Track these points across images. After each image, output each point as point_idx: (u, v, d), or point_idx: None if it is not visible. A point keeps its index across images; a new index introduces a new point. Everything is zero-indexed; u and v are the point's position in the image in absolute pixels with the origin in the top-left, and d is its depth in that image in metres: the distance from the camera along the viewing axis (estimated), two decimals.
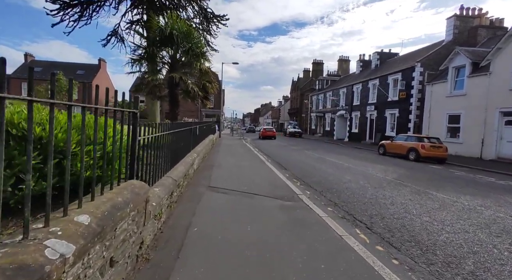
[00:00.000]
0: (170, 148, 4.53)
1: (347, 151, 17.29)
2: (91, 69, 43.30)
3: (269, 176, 7.54)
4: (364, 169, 9.79)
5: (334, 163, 10.98)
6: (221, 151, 13.48)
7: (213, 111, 42.27)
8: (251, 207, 4.54)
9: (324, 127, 38.87)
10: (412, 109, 20.27)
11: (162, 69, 8.82)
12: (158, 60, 8.23)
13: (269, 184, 6.54)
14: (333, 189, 6.44)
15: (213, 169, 8.09)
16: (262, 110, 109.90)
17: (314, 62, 55.65)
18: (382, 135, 23.76)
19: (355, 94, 29.57)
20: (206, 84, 9.21)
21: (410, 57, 23.81)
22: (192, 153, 7.07)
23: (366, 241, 3.51)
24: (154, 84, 8.66)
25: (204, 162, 9.37)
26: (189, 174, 5.93)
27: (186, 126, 6.28)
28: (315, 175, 8.19)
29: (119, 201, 2.00)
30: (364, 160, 12.73)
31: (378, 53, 30.02)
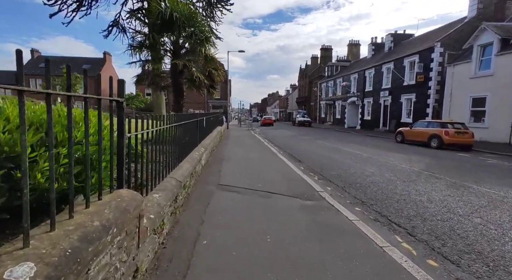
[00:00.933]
0: (174, 143, 3.94)
1: (361, 140, 16.43)
2: (96, 63, 43.05)
3: (283, 170, 6.92)
4: (386, 159, 9.03)
5: (351, 154, 10.24)
6: (230, 144, 12.90)
7: (220, 102, 41.63)
8: (267, 210, 3.94)
9: (334, 115, 37.73)
10: (431, 93, 19.05)
11: (165, 57, 8.16)
12: (160, 47, 7.55)
13: (284, 179, 5.92)
14: (357, 184, 5.77)
15: (223, 163, 7.52)
16: (269, 99, 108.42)
17: (323, 48, 53.73)
18: (397, 122, 22.66)
19: (368, 79, 28.24)
20: (212, 71, 8.48)
21: (428, 37, 22.28)
22: (199, 147, 6.48)
23: (412, 253, 2.87)
24: (156, 74, 8.00)
25: (212, 155, 8.81)
26: (196, 171, 5.36)
27: (192, 118, 5.67)
28: (333, 168, 7.51)
29: (94, 228, 1.41)
30: (383, 149, 11.91)
31: (391, 34, 28.40)
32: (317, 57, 58.27)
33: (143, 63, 7.84)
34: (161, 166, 3.25)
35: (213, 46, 8.78)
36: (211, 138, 8.90)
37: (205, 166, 7.05)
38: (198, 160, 5.38)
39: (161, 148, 3.24)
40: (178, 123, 4.22)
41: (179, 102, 8.31)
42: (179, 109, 8.30)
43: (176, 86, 8.13)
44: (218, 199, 4.34)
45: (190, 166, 4.48)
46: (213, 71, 8.55)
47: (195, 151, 5.77)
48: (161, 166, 3.25)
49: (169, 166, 3.68)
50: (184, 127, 4.77)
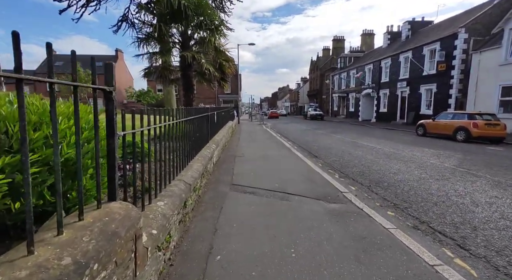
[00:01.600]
0: (183, 141, 3.51)
1: (380, 133, 15.61)
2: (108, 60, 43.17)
3: (300, 167, 6.41)
4: (411, 154, 8.34)
5: (372, 148, 9.58)
6: (242, 139, 12.46)
7: (230, 97, 41.26)
8: (289, 216, 3.46)
9: (347, 108, 36.57)
10: (454, 83, 17.86)
11: (173, 49, 7.71)
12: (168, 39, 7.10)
13: (303, 178, 5.42)
14: (384, 183, 5.20)
15: (235, 160, 7.08)
16: (279, 93, 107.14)
17: (335, 38, 52.03)
18: (416, 114, 21.54)
19: (383, 70, 26.98)
20: (222, 63, 7.97)
21: (450, 23, 20.85)
22: (210, 144, 6.06)
23: (472, 274, 2.33)
24: (164, 67, 7.57)
25: (224, 152, 8.39)
26: (208, 170, 4.94)
27: (201, 113, 5.23)
28: (354, 164, 6.93)
29: (60, 270, 0.97)
30: (405, 143, 11.15)
31: (409, 22, 26.89)
32: (328, 49, 56.60)
33: (151, 55, 7.43)
34: (167, 167, 2.82)
35: (223, 36, 8.27)
36: (222, 133, 8.48)
37: (217, 164, 6.64)
38: (209, 158, 4.95)
39: (168, 146, 2.80)
40: (187, 118, 3.78)
41: (189, 96, 7.88)
42: (188, 104, 7.88)
43: (185, 80, 7.69)
44: (232, 203, 3.90)
45: (201, 166, 4.06)
46: (224, 63, 8.04)
47: (205, 148, 5.35)
48: (167, 167, 2.82)
49: (178, 167, 3.25)
50: (194, 122, 4.34)
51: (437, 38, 19.24)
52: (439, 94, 19.22)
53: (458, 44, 17.38)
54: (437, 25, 24.06)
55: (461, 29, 17.08)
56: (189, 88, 7.80)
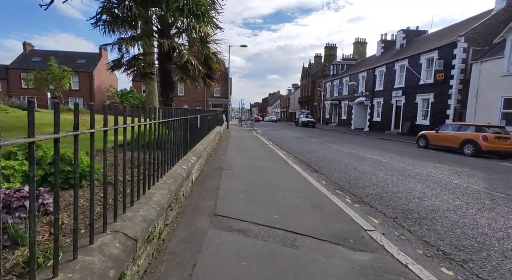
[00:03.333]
0: (145, 153, 2.18)
1: (378, 144, 14.66)
2: (92, 58, 41.23)
3: (301, 187, 5.15)
4: (425, 170, 7.27)
5: (378, 162, 8.48)
6: (231, 147, 11.12)
7: (220, 101, 39.95)
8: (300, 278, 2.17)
9: (339, 116, 35.96)
10: (453, 93, 17.28)
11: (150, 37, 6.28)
12: (141, 22, 5.76)
13: (307, 203, 4.16)
14: (413, 213, 4.01)
15: (222, 176, 5.74)
16: (270, 99, 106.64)
17: (327, 46, 52.02)
18: (412, 124, 20.92)
19: (378, 78, 26.47)
20: (209, 56, 6.61)
21: (448, 32, 20.50)
22: (189, 156, 4.71)
23: None
24: (135, 56, 6.19)
25: (209, 163, 7.04)
26: (180, 197, 3.58)
27: (178, 115, 3.89)
28: (365, 183, 5.75)
29: None
30: (410, 156, 10.14)
31: (403, 31, 26.64)
32: (320, 56, 56.53)
33: (120, 42, 5.97)
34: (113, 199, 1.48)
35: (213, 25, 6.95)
36: (207, 141, 7.13)
37: (198, 181, 5.27)
38: (184, 178, 3.60)
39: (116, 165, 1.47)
40: (153, 120, 2.45)
41: (167, 95, 6.50)
42: (167, 104, 6.51)
43: (163, 74, 6.31)
44: (212, 254, 2.56)
45: (167, 194, 2.70)
46: (211, 56, 6.69)
47: (182, 163, 4.00)
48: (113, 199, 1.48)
49: (125, 201, 1.91)
50: (169, 127, 3.02)
51: (435, 47, 18.75)
52: (437, 104, 18.63)
53: (457, 53, 16.87)
54: (434, 34, 23.79)
55: (461, 38, 16.59)
56: (168, 85, 6.41)
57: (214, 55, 6.91)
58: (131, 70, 6.55)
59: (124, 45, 5.73)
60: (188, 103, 38.07)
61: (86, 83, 40.36)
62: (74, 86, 39.82)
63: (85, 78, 40.28)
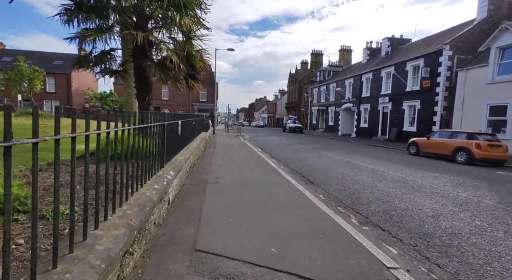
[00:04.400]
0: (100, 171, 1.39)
1: (368, 151, 14.31)
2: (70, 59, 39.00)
3: (299, 204, 4.44)
4: (426, 181, 6.78)
5: (373, 171, 7.95)
6: (217, 155, 10.29)
7: (206, 105, 38.96)
8: None
9: (326, 121, 35.94)
10: (439, 100, 17.39)
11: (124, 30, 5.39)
12: (111, 11, 4.91)
13: (309, 228, 3.44)
14: (434, 239, 3.40)
15: (206, 191, 4.92)
16: (257, 104, 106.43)
17: (313, 53, 52.56)
18: (399, 130, 20.95)
19: (364, 84, 26.59)
20: (192, 53, 5.79)
21: (433, 40, 20.85)
22: (166, 170, 3.88)
23: None
24: (104, 52, 5.29)
25: (192, 176, 6.19)
26: (147, 231, 2.74)
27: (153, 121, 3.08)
28: (368, 197, 5.13)
29: None
30: (404, 164, 9.74)
31: (389, 38, 27.04)
32: (307, 62, 57.00)
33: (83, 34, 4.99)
34: None
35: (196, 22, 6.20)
36: (190, 150, 6.29)
37: (177, 199, 4.43)
38: (155, 203, 2.78)
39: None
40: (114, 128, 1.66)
41: (143, 97, 5.62)
42: (143, 107, 5.64)
43: (138, 73, 5.45)
44: None
45: (124, 235, 1.89)
46: (194, 54, 5.86)
47: (154, 182, 3.17)
48: None
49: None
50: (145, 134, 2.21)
51: (421, 54, 18.93)
52: (423, 111, 18.72)
53: (442, 60, 17.04)
54: (419, 42, 24.20)
55: (446, 46, 16.79)
56: (144, 85, 5.54)
57: (198, 53, 6.10)
58: (100, 68, 5.58)
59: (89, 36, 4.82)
60: (173, 107, 36.75)
61: (63, 85, 38.07)
62: (50, 88, 37.51)
63: (62, 80, 38.01)
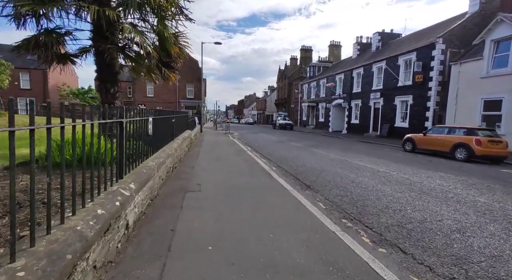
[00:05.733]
0: None
1: (362, 148, 13.72)
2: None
3: (298, 218, 3.64)
4: (434, 183, 6.13)
5: (374, 172, 7.26)
6: (203, 155, 9.37)
7: (194, 102, 37.63)
8: None
9: (317, 118, 35.45)
10: (432, 95, 17.03)
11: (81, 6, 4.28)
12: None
13: (314, 256, 2.64)
14: (472, 265, 2.67)
15: (184, 204, 4.04)
16: (246, 101, 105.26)
17: (302, 48, 51.88)
18: (391, 126, 20.59)
19: (355, 80, 26.14)
20: (164, 35, 4.74)
21: (424, 34, 20.49)
22: (123, 184, 2.97)
23: None
24: (49, 30, 4.21)
25: (168, 183, 5.27)
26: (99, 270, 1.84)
27: (106, 117, 2.18)
28: (377, 206, 4.39)
29: None
30: (404, 163, 9.15)
31: (379, 33, 26.65)
32: (296, 58, 56.34)
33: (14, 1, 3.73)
34: None
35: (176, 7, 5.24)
36: (168, 152, 5.36)
37: (145, 216, 3.52)
38: (91, 240, 1.88)
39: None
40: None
41: (107, 89, 4.59)
42: (108, 101, 4.63)
43: (98, 59, 4.46)
44: None
45: None
46: (168, 36, 4.81)
47: (98, 203, 2.26)
48: None
49: None
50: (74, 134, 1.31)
51: (413, 48, 18.52)
52: (416, 106, 18.36)
53: (435, 54, 16.65)
54: (410, 36, 23.86)
55: (439, 39, 16.39)
56: (106, 74, 4.54)
57: (174, 36, 5.12)
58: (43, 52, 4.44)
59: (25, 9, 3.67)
60: (159, 104, 35.27)
61: (39, 82, 35.79)
62: (24, 85, 35.25)
63: (37, 76, 35.70)
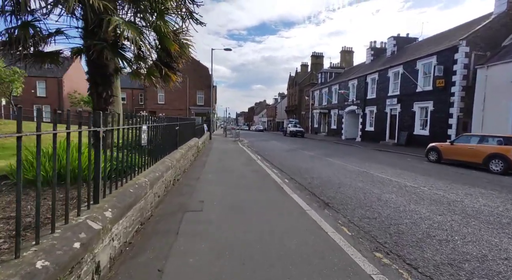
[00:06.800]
0: None
1: (380, 157, 12.74)
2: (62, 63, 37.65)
3: (320, 252, 2.89)
4: (478, 203, 5.21)
5: (401, 186, 6.38)
6: (209, 165, 8.75)
7: (204, 109, 37.43)
8: None
9: (329, 125, 34.41)
10: (455, 101, 15.87)
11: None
12: None
13: None
14: None
15: (180, 229, 3.36)
16: (256, 108, 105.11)
17: (313, 55, 51.33)
18: (410, 134, 19.42)
19: (370, 85, 25.14)
20: (162, 31, 4.00)
21: (442, 37, 19.45)
22: (93, 214, 2.33)
23: None
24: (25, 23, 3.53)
25: (167, 199, 4.63)
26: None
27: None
28: (415, 233, 3.57)
29: None
30: (431, 175, 8.18)
31: (394, 38, 25.66)
32: (307, 65, 55.82)
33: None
34: None
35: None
36: (167, 164, 4.75)
37: (126, 251, 2.86)
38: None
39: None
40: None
41: (99, 93, 4.03)
42: (100, 107, 4.06)
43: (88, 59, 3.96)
44: None
45: None
46: (166, 33, 4.13)
47: (44, 249, 1.60)
48: None
49: None
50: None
51: (433, 52, 17.49)
52: (437, 112, 17.20)
53: (458, 58, 15.58)
54: (425, 41, 22.82)
55: (462, 42, 15.35)
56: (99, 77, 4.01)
57: (174, 34, 4.53)
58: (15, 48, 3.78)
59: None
60: (169, 111, 35.28)
61: (54, 90, 36.77)
62: (40, 93, 36.36)
63: (53, 84, 36.73)
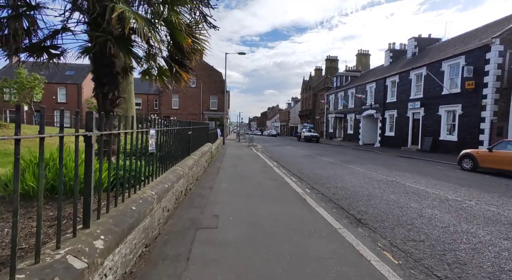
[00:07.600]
0: None
1: (406, 165, 11.76)
2: (82, 69, 38.78)
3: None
4: None
5: (443, 201, 5.56)
6: (223, 172, 8.22)
7: (217, 114, 37.31)
8: None
9: (345, 130, 33.28)
10: (487, 104, 14.63)
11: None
12: None
13: None
14: None
15: (191, 254, 2.79)
16: (269, 113, 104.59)
17: (328, 58, 50.38)
18: (435, 139, 18.17)
19: (389, 89, 24.01)
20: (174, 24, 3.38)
21: (470, 37, 18.22)
22: (82, 252, 1.79)
23: None
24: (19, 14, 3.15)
25: (177, 213, 4.10)
26: None
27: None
28: (486, 268, 2.82)
29: None
30: (472, 186, 7.25)
31: (415, 39, 24.50)
32: (321, 69, 54.97)
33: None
34: None
35: None
36: (178, 173, 4.23)
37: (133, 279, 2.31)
38: None
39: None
40: None
41: (105, 93, 3.61)
42: (105, 109, 3.63)
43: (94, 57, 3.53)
44: None
45: None
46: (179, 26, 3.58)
47: None
48: None
49: None
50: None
51: (460, 52, 16.35)
52: (466, 116, 15.95)
53: (491, 57, 14.41)
54: (450, 41, 21.52)
55: (495, 40, 14.19)
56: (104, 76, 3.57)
57: (188, 27, 4.03)
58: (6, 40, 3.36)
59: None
60: (183, 116, 35.39)
61: (74, 96, 38.06)
62: (61, 99, 37.77)
63: (73, 90, 38.04)
